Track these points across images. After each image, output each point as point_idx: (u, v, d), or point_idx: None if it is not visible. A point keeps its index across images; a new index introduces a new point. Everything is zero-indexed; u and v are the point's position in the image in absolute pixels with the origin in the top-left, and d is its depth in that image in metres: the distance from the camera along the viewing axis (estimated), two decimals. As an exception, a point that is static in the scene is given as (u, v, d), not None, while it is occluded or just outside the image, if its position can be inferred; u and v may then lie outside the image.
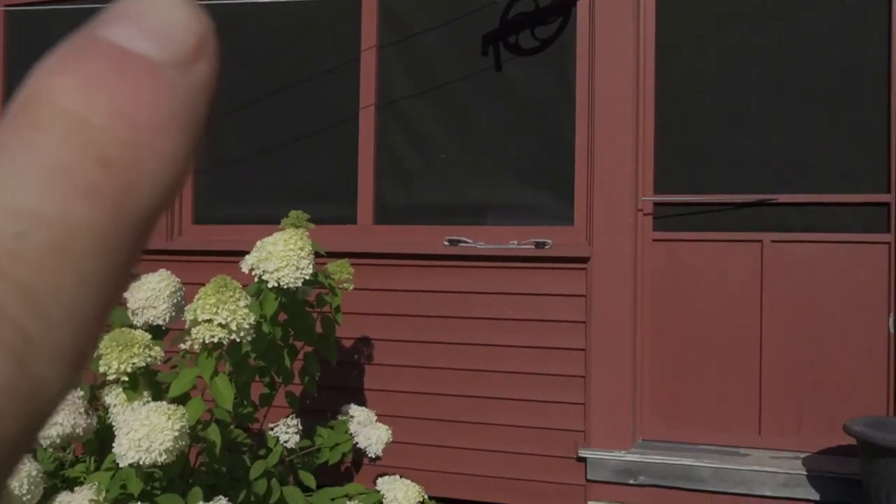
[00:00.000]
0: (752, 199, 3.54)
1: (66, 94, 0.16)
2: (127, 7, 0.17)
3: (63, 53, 0.17)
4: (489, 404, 3.65)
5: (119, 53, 0.17)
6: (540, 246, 3.63)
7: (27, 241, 0.15)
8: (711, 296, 3.59)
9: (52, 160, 0.16)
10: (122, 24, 0.17)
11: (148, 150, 0.16)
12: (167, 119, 0.17)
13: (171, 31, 0.17)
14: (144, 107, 0.16)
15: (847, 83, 3.47)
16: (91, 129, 0.16)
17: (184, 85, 0.17)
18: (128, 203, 0.16)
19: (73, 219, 0.16)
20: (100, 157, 0.16)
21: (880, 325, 3.41)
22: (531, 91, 3.81)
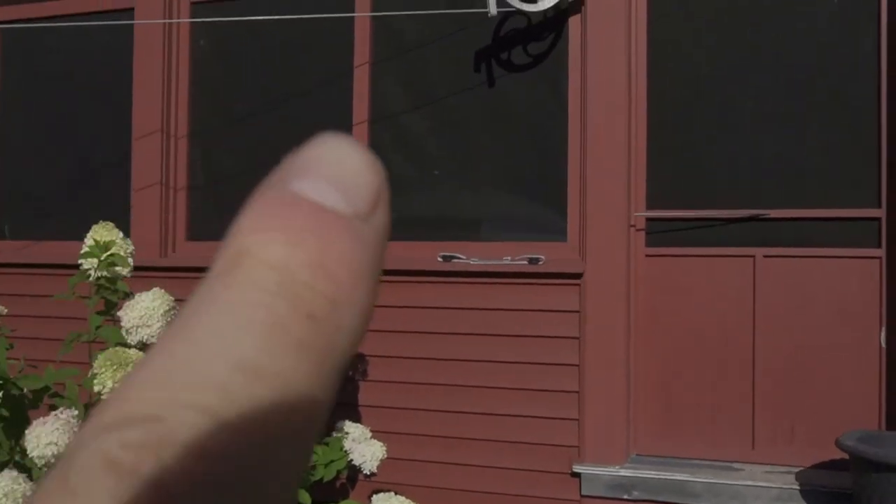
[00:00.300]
0: (744, 214, 3.56)
1: (274, 252, 0.17)
2: (311, 159, 0.18)
3: (262, 209, 0.18)
4: (483, 420, 3.65)
5: (314, 209, 0.17)
6: (533, 262, 3.64)
7: (250, 396, 0.16)
8: (704, 310, 3.61)
9: (266, 316, 0.16)
10: (310, 177, 0.18)
11: (346, 303, 0.17)
12: (360, 271, 0.17)
13: (355, 183, 0.18)
14: (342, 261, 0.17)
15: (837, 99, 3.50)
16: (299, 286, 0.17)
17: (368, 235, 0.18)
18: (330, 355, 0.17)
19: (287, 374, 0.16)
20: (308, 313, 0.17)
21: (871, 340, 3.42)
22: (524, 106, 3.83)
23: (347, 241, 0.17)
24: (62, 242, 4.29)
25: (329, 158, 0.18)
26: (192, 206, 4.30)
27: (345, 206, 0.18)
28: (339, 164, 0.18)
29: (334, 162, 0.18)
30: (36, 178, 4.63)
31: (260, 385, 0.16)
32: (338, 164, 0.18)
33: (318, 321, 0.17)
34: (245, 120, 4.24)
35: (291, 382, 0.16)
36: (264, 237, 0.17)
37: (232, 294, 0.17)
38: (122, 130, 4.36)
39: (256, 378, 0.16)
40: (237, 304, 0.17)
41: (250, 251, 0.17)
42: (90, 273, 2.31)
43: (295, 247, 0.17)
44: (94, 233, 2.37)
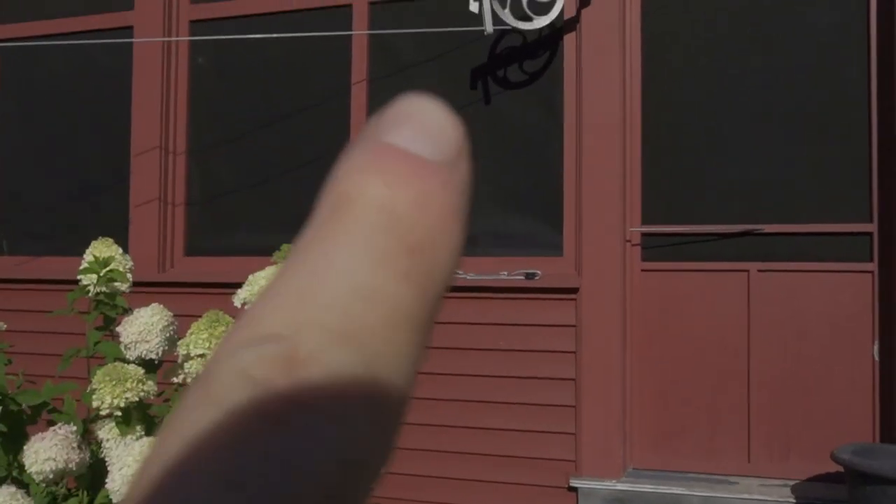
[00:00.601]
0: (738, 229, 3.59)
1: (377, 191, 0.19)
2: (400, 115, 0.20)
3: (361, 156, 0.20)
4: (481, 434, 3.66)
5: (408, 156, 0.19)
6: (530, 277, 3.66)
7: (368, 316, 0.18)
8: (700, 325, 3.63)
9: (373, 246, 0.18)
10: (403, 129, 0.20)
11: (441, 238, 0.19)
12: (451, 211, 0.19)
13: (441, 136, 0.20)
14: (436, 202, 0.19)
15: (829, 115, 3.53)
16: (401, 221, 0.18)
17: (455, 181, 0.20)
18: (431, 283, 0.19)
19: (397, 297, 0.18)
20: (410, 244, 0.18)
21: (865, 353, 3.44)
22: (520, 123, 3.86)
23: (439, 185, 0.19)
24: (61, 258, 4.31)
25: (416, 113, 0.20)
26: (190, 221, 4.32)
27: (434, 154, 0.19)
28: (425, 118, 0.20)
29: (421, 116, 0.20)
30: (35, 195, 4.65)
31: (375, 308, 0.18)
32: (424, 118, 0.20)
33: (419, 254, 0.18)
34: (243, 136, 4.27)
35: (402, 306, 0.18)
36: (366, 179, 0.19)
37: (341, 230, 0.19)
38: (121, 147, 4.39)
39: (372, 302, 0.18)
40: (347, 238, 0.18)
41: (353, 193, 0.19)
42: (89, 289, 2.33)
43: (394, 188, 0.19)
44: (93, 249, 2.38)
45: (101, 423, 2.13)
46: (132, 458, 1.77)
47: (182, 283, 3.96)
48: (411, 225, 0.19)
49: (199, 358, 1.93)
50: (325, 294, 0.18)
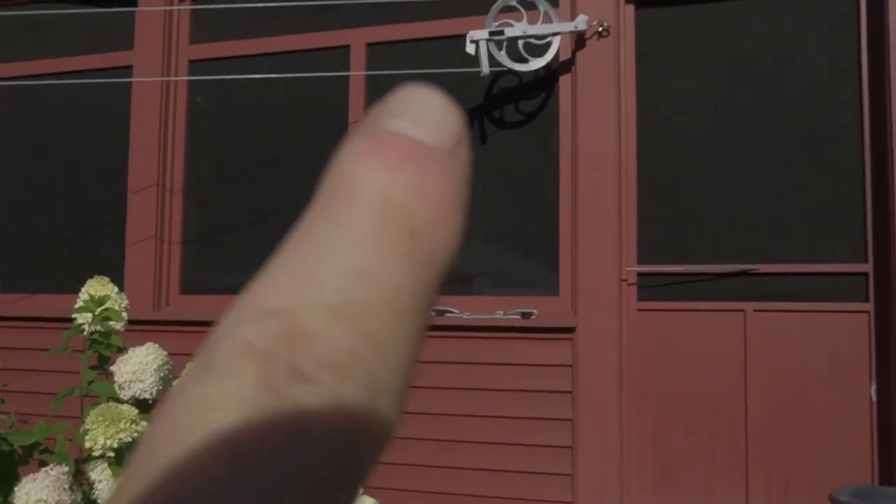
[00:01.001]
0: (734, 268, 3.59)
1: (376, 175, 0.19)
2: (401, 104, 0.20)
3: (361, 142, 0.20)
4: (477, 475, 3.63)
5: (408, 142, 0.19)
6: (526, 316, 3.66)
7: (367, 296, 0.18)
8: (696, 364, 3.62)
9: (373, 229, 0.19)
10: (402, 118, 0.20)
11: (440, 223, 0.19)
12: (449, 197, 0.20)
13: (441, 123, 0.20)
14: (436, 187, 0.19)
15: (823, 155, 3.56)
16: (399, 205, 0.19)
17: (454, 167, 0.20)
18: (429, 268, 0.19)
19: (396, 280, 0.18)
20: (409, 228, 0.19)
21: (863, 393, 3.43)
22: (516, 163, 3.89)
23: (438, 171, 0.19)
24: (56, 296, 4.30)
25: (416, 102, 0.20)
26: (186, 259, 4.32)
27: (433, 141, 0.20)
28: (425, 106, 0.20)
29: (421, 104, 0.20)
30: (31, 232, 4.65)
31: (376, 290, 0.18)
32: (424, 106, 0.20)
33: (419, 237, 0.19)
34: (240, 175, 4.28)
35: (402, 289, 0.18)
36: (366, 164, 0.19)
37: (341, 213, 0.19)
38: (118, 185, 4.40)
39: (371, 282, 0.18)
40: (347, 221, 0.19)
41: (353, 177, 0.19)
42: (84, 327, 2.32)
43: (394, 172, 0.19)
44: (88, 287, 2.38)
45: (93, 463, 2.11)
46: (124, 500, 1.75)
47: (177, 322, 3.95)
48: (411, 210, 0.19)
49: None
50: (326, 274, 0.18)
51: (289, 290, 0.18)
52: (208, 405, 0.17)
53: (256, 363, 0.17)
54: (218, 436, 0.17)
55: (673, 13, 3.80)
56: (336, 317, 0.18)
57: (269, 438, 0.17)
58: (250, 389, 0.17)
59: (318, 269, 0.18)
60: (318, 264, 0.18)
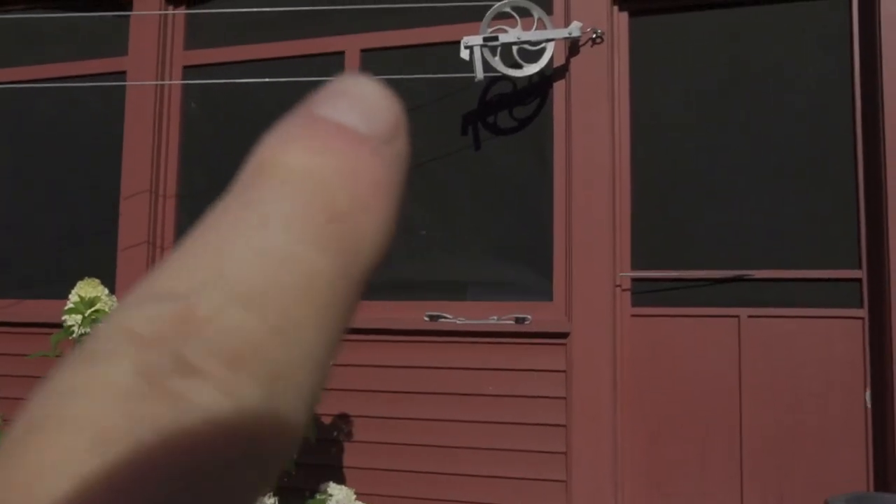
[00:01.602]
0: (728, 274, 3.59)
1: (297, 157, 0.18)
2: (336, 90, 0.20)
3: (288, 126, 0.19)
4: (471, 482, 3.61)
5: (338, 127, 0.19)
6: (520, 321, 3.65)
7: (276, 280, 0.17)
8: (690, 370, 3.61)
9: (290, 211, 0.17)
10: (335, 103, 0.19)
11: (367, 209, 0.18)
12: (379, 183, 0.19)
13: (376, 112, 0.19)
14: (362, 170, 0.18)
15: (817, 162, 3.57)
16: (321, 188, 0.18)
17: (388, 155, 0.19)
18: (352, 255, 0.18)
19: (311, 264, 0.17)
20: (331, 212, 0.18)
21: (857, 400, 3.43)
22: (510, 169, 3.88)
23: (367, 156, 0.19)
24: (47, 301, 4.27)
25: (351, 89, 0.20)
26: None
27: (365, 127, 0.19)
28: (359, 94, 0.19)
29: (355, 93, 0.20)
30: (22, 238, 4.63)
31: (286, 272, 0.17)
32: (358, 95, 0.19)
33: (339, 220, 0.18)
34: (234, 180, 4.26)
35: (316, 272, 0.17)
36: (290, 147, 0.18)
37: (258, 195, 0.18)
38: (110, 191, 4.38)
39: (281, 266, 0.17)
40: (261, 201, 0.18)
41: (276, 160, 0.18)
42: (73, 329, 2.30)
43: (318, 154, 0.18)
44: (79, 289, 2.36)
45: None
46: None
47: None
48: (334, 193, 0.18)
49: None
50: (232, 257, 0.17)
51: (190, 271, 0.17)
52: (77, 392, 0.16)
53: (136, 350, 0.16)
54: (83, 424, 0.15)
55: (667, 21, 3.81)
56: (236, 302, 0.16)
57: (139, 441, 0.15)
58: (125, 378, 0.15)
59: (224, 252, 0.17)
60: (225, 247, 0.17)
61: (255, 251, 0.17)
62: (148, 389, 0.15)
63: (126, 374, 0.15)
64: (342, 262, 0.18)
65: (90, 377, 0.16)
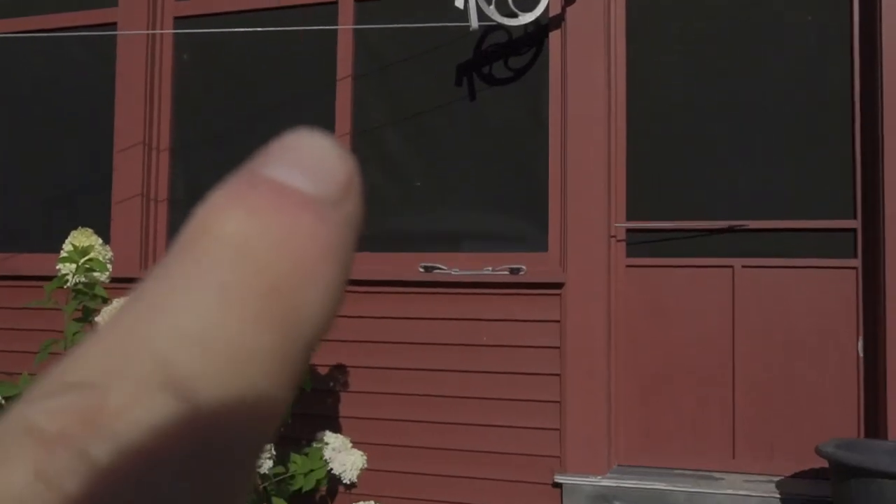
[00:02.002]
0: (722, 225, 3.59)
1: (234, 225, 0.17)
2: (283, 147, 0.18)
3: (227, 189, 0.18)
4: (464, 430, 3.64)
5: (281, 189, 0.17)
6: (514, 272, 3.65)
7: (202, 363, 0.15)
8: (684, 320, 3.63)
9: (221, 288, 0.16)
10: (281, 162, 0.18)
11: (309, 279, 0.17)
12: (325, 249, 0.17)
13: (324, 171, 0.18)
14: (305, 237, 0.17)
15: (813, 111, 3.55)
16: (258, 258, 0.16)
17: (336, 219, 0.18)
18: (292, 328, 0.17)
19: (245, 343, 0.16)
20: (268, 286, 0.16)
21: (850, 349, 3.45)
22: (505, 120, 3.86)
23: (311, 220, 0.17)
24: (41, 255, 4.26)
25: (298, 146, 0.18)
26: (172, 218, 4.29)
27: (312, 189, 0.18)
28: (307, 152, 0.18)
29: (303, 150, 0.18)
30: (16, 191, 4.61)
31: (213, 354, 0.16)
32: (307, 152, 0.18)
33: (278, 295, 0.16)
34: (227, 132, 4.24)
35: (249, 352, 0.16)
36: (226, 213, 0.17)
37: (185, 265, 0.17)
38: (103, 144, 4.35)
39: (208, 345, 0.16)
40: (190, 276, 0.16)
41: (210, 226, 0.17)
42: (68, 278, 2.30)
43: (255, 221, 0.17)
44: (72, 238, 2.36)
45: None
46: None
47: (164, 280, 3.92)
48: (272, 263, 0.16)
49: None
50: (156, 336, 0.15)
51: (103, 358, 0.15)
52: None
53: (36, 449, 0.14)
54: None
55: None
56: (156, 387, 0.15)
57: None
58: (21, 481, 0.14)
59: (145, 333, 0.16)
60: (147, 326, 0.16)
61: (180, 330, 0.16)
62: (47, 494, 0.14)
63: (22, 477, 0.14)
64: (281, 339, 0.16)
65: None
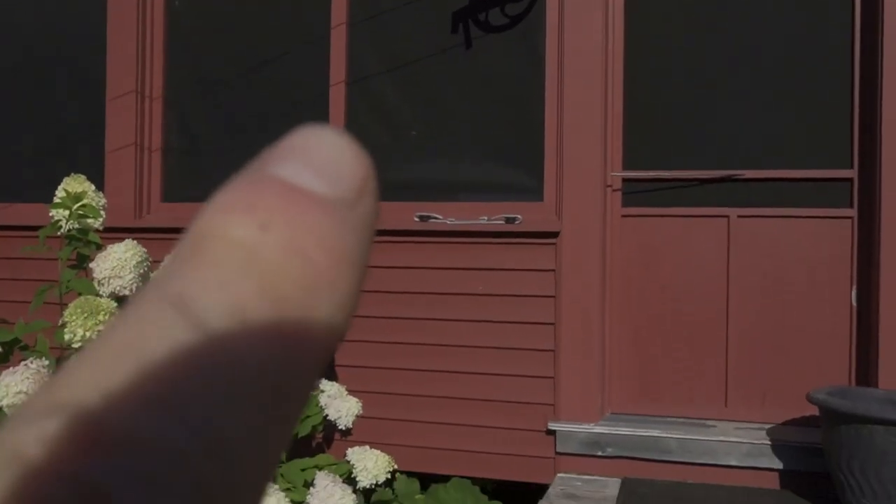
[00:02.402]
0: (719, 174, 3.58)
1: (240, 230, 0.16)
2: (294, 145, 0.17)
3: (234, 190, 0.17)
4: (459, 379, 3.67)
5: (290, 190, 0.16)
6: (510, 221, 3.65)
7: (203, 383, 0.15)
8: (679, 270, 3.63)
9: (226, 297, 0.15)
10: (291, 161, 0.17)
11: (322, 285, 0.16)
12: (338, 253, 0.16)
13: (339, 170, 0.17)
14: (317, 241, 0.16)
15: (811, 60, 3.51)
16: (266, 265, 0.16)
17: (351, 221, 0.17)
18: (303, 338, 0.16)
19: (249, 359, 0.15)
20: (276, 296, 0.15)
21: (844, 298, 3.47)
22: (501, 68, 3.82)
23: (326, 224, 0.16)
24: (34, 205, 4.24)
25: (310, 144, 0.17)
26: (167, 167, 4.26)
27: (325, 189, 0.17)
28: (322, 152, 0.17)
29: (315, 148, 0.17)
30: (8, 141, 4.57)
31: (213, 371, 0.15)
32: (321, 152, 0.17)
33: (286, 301, 0.16)
34: (221, 80, 4.20)
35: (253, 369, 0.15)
36: (231, 216, 0.16)
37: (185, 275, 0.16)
38: (95, 92, 4.30)
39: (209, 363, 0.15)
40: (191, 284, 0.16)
41: (214, 231, 0.16)
42: (61, 224, 2.29)
43: (264, 225, 0.16)
44: (65, 184, 2.34)
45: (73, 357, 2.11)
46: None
47: (159, 230, 3.91)
48: (281, 271, 0.16)
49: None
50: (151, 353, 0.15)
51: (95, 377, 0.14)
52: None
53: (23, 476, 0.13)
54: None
55: (664, -88, 3.68)
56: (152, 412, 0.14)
57: None
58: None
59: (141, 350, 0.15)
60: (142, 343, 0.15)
61: (178, 348, 0.15)
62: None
63: None
64: (288, 353, 0.15)
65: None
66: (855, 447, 2.85)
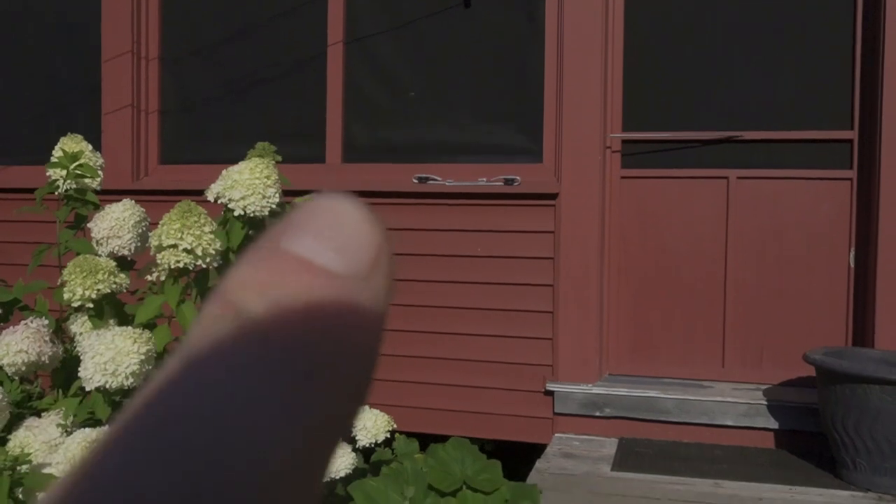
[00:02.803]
0: (718, 136, 3.56)
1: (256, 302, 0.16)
2: (307, 219, 0.17)
3: (251, 266, 0.17)
4: (458, 340, 3.69)
5: (305, 266, 0.17)
6: (509, 183, 3.64)
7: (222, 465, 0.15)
8: (678, 231, 3.63)
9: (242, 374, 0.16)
10: (304, 236, 0.17)
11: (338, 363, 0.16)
12: (353, 331, 0.17)
13: (352, 244, 0.17)
14: (331, 319, 0.16)
15: (812, 20, 3.48)
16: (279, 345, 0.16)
17: (365, 295, 0.17)
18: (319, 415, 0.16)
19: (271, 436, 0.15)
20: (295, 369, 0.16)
21: (841, 260, 3.47)
22: (500, 29, 3.78)
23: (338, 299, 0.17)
24: (30, 167, 4.22)
25: (324, 216, 0.17)
26: (164, 129, 4.24)
27: (339, 266, 0.17)
28: (335, 222, 0.17)
29: (329, 219, 0.17)
30: (3, 104, 4.54)
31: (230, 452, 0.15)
32: (333, 222, 0.17)
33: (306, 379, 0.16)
34: (217, 41, 4.15)
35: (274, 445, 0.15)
36: (249, 291, 0.16)
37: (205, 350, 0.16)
38: (91, 54, 4.26)
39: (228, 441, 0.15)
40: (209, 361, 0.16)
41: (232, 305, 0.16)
42: (58, 184, 2.28)
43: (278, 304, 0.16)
44: (62, 144, 2.33)
45: (73, 317, 2.11)
46: (104, 347, 1.75)
47: (157, 192, 3.90)
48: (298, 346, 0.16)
49: (171, 249, 1.90)
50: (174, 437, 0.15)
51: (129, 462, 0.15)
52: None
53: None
54: None
55: None
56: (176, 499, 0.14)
57: None
58: None
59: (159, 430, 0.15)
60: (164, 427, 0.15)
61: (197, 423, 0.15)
62: None
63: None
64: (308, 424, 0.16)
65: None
66: (850, 406, 2.87)
